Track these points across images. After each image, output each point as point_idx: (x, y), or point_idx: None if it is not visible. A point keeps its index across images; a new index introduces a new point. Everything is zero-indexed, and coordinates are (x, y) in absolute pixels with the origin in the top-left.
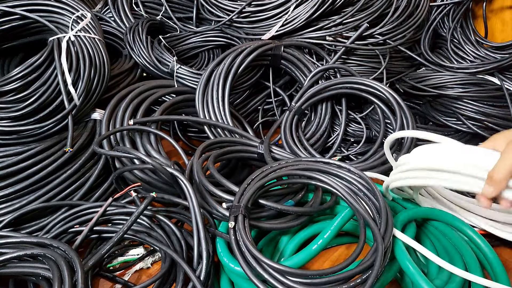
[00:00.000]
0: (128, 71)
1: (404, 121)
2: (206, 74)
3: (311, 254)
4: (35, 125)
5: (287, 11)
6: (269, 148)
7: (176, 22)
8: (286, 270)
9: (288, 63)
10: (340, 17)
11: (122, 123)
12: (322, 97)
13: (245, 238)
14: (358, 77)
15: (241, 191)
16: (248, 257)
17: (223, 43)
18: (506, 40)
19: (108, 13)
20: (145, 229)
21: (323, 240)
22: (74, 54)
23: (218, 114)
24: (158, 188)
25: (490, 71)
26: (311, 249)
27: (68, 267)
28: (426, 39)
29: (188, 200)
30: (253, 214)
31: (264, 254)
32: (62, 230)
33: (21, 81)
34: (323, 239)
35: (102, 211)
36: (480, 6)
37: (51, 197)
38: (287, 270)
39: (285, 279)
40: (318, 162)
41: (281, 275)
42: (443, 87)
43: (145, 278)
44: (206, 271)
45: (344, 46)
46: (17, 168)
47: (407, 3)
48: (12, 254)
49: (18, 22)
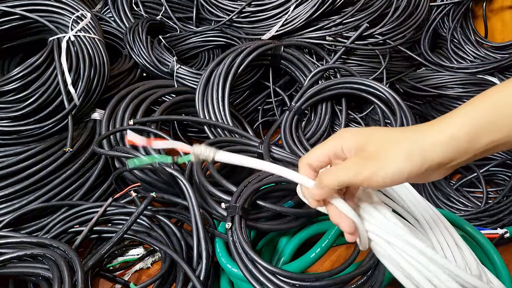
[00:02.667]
0: (128, 71)
1: (404, 121)
2: (206, 74)
3: (309, 262)
4: (35, 125)
5: (287, 11)
6: (269, 148)
7: (176, 22)
8: (281, 273)
9: (288, 63)
10: (340, 17)
11: (122, 123)
12: (322, 97)
13: (241, 238)
14: (358, 77)
15: (239, 191)
16: (244, 258)
17: (223, 43)
18: (506, 40)
19: (108, 13)
20: (145, 229)
21: (321, 249)
22: (74, 54)
23: (218, 114)
24: (158, 188)
25: (490, 71)
26: (309, 257)
27: (68, 267)
28: (426, 39)
29: (188, 200)
30: (251, 215)
31: (263, 255)
32: (62, 230)
33: (21, 81)
34: (321, 247)
35: (102, 211)
36: (480, 6)
37: (51, 197)
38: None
39: (280, 282)
40: None
41: (275, 277)
42: (443, 87)
43: (145, 278)
44: (205, 271)
45: (344, 46)
46: (17, 168)
47: (407, 3)
48: (12, 254)
49: (18, 22)
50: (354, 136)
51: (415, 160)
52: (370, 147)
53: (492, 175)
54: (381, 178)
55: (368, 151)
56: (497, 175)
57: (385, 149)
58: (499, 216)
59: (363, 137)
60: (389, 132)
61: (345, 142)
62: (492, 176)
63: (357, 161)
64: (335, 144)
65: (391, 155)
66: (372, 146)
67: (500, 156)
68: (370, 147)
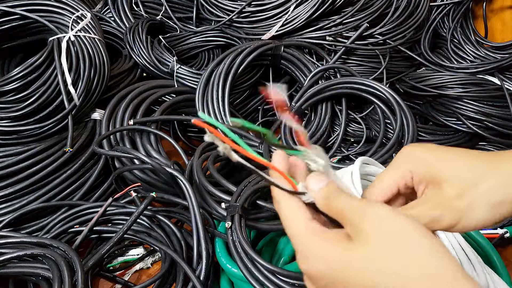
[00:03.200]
0: (128, 71)
1: (404, 121)
2: (206, 74)
3: None
4: (35, 125)
5: (287, 11)
6: (269, 148)
7: (176, 22)
8: (281, 272)
9: (288, 63)
10: (340, 17)
11: (122, 123)
12: (322, 97)
13: (241, 238)
14: (358, 77)
15: (239, 191)
16: (244, 258)
17: (223, 43)
18: (506, 40)
19: (108, 13)
20: (145, 229)
21: None
22: (74, 54)
23: (218, 114)
24: (158, 188)
25: (490, 71)
26: None
27: (68, 267)
28: (426, 39)
29: (188, 200)
30: (251, 214)
31: (263, 254)
32: (62, 230)
33: (21, 81)
34: None
35: (102, 211)
36: (480, 6)
37: (51, 197)
38: (282, 272)
39: (280, 281)
40: None
41: (275, 276)
42: (443, 87)
43: (145, 278)
44: (205, 271)
45: (344, 46)
46: (17, 168)
47: (407, 3)
48: (12, 254)
49: (18, 22)
50: (427, 163)
51: (506, 210)
52: (449, 188)
53: None
54: (461, 229)
55: (446, 193)
56: None
57: (469, 194)
58: None
59: (439, 166)
60: (471, 161)
61: (416, 168)
62: None
63: (432, 206)
64: (404, 171)
65: (476, 205)
66: (452, 187)
67: None
68: (449, 187)
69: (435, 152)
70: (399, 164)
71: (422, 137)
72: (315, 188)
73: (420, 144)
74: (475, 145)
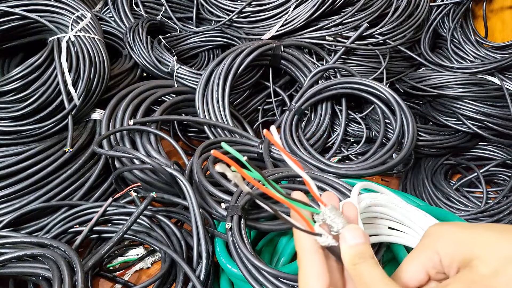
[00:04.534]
0: (128, 71)
1: (404, 121)
2: (206, 74)
3: None
4: (35, 125)
5: (287, 11)
6: (268, 148)
7: (176, 22)
8: (278, 274)
9: (288, 63)
10: (340, 17)
11: (122, 123)
12: (322, 97)
13: (239, 239)
14: (358, 77)
15: (239, 192)
16: (243, 258)
17: (223, 43)
18: (506, 40)
19: (108, 13)
20: (145, 229)
21: None
22: (74, 54)
23: (218, 114)
24: (158, 188)
25: (490, 71)
26: None
27: (68, 267)
28: (426, 39)
29: (188, 200)
30: (251, 214)
31: (263, 255)
32: (62, 230)
33: (21, 81)
34: None
35: (102, 211)
36: (480, 6)
37: (51, 197)
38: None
39: (280, 282)
40: (318, 172)
41: (276, 278)
42: (443, 87)
43: (145, 278)
44: (205, 271)
45: (344, 46)
46: (17, 168)
47: (407, 3)
48: (12, 254)
49: (18, 22)
50: (456, 241)
51: None
52: (482, 266)
53: (492, 175)
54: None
55: (480, 272)
56: (497, 175)
57: (506, 270)
58: (499, 216)
59: (469, 243)
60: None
61: (445, 247)
62: (492, 176)
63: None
64: (432, 253)
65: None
66: (486, 264)
67: (500, 156)
68: (482, 265)
69: (464, 228)
70: (427, 245)
71: (422, 137)
72: (351, 242)
73: (448, 223)
74: (475, 145)
